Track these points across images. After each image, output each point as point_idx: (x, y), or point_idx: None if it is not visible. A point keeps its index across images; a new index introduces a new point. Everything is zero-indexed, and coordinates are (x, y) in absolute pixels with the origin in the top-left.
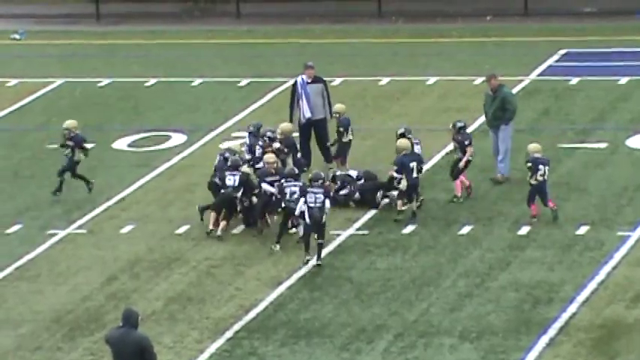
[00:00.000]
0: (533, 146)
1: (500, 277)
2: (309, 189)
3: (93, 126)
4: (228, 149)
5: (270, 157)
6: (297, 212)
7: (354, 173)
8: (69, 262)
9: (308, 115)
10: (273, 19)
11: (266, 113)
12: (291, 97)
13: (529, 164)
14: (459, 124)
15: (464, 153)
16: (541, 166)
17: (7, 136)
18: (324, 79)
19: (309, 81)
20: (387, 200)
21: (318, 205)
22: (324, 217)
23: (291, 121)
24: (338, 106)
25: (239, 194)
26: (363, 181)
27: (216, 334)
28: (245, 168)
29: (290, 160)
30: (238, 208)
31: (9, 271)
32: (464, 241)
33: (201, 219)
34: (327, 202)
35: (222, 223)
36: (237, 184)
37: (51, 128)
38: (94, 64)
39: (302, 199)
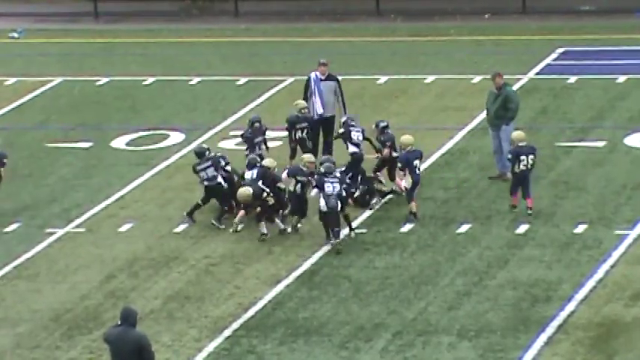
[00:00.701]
0: (517, 134)
1: (499, 275)
2: (325, 179)
3: (91, 125)
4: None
5: (309, 157)
6: (312, 193)
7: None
8: (67, 261)
9: (320, 111)
10: (271, 17)
11: (264, 112)
12: (304, 93)
13: (509, 156)
14: (382, 124)
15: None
16: (523, 157)
17: (5, 135)
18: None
19: (323, 78)
20: (375, 200)
21: (334, 193)
22: (338, 205)
23: None
24: (302, 103)
25: (260, 183)
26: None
27: (215, 333)
28: (269, 161)
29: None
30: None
31: (7, 270)
32: (462, 239)
33: (194, 220)
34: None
35: (241, 213)
36: (255, 176)
37: (49, 127)
38: (93, 63)
39: (315, 190)
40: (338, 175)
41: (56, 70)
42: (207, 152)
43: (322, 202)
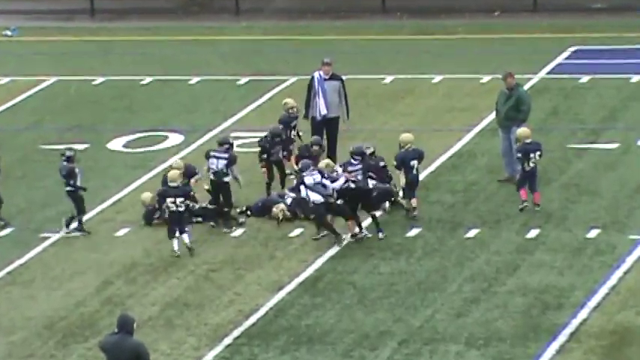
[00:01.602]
0: (522, 131)
1: (508, 281)
2: (303, 173)
3: (87, 126)
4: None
5: (325, 163)
6: (302, 194)
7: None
8: (63, 267)
9: (324, 112)
10: (273, 15)
11: (266, 113)
12: (308, 93)
13: (519, 155)
14: (369, 151)
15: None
16: (532, 154)
17: None
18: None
19: (327, 77)
20: (387, 204)
21: (359, 177)
22: (330, 191)
23: (306, 117)
24: (290, 101)
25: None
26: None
27: (215, 341)
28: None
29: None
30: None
31: (1, 276)
32: (470, 244)
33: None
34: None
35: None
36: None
37: (43, 128)
38: (89, 62)
39: (302, 186)
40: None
41: (51, 69)
42: (230, 145)
43: (314, 196)
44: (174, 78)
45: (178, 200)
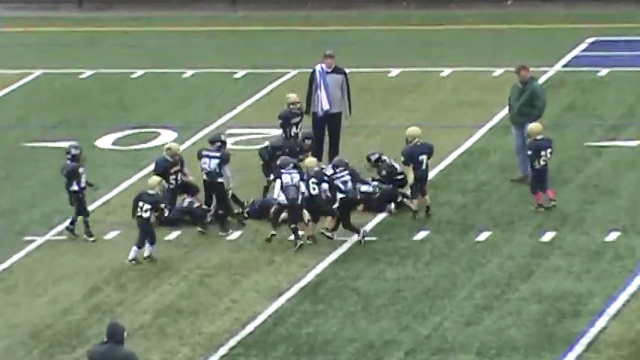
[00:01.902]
0: (535, 126)
1: (522, 287)
2: (282, 170)
3: (75, 122)
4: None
5: (311, 161)
6: (276, 189)
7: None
8: (48, 272)
9: (326, 107)
10: (271, 4)
11: (264, 108)
12: (309, 87)
13: (529, 152)
14: (374, 157)
15: None
16: (543, 151)
17: None
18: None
19: (329, 71)
20: (392, 205)
21: (349, 186)
22: (298, 197)
23: (307, 113)
24: (293, 96)
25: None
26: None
27: (210, 351)
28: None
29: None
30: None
31: None
32: (481, 248)
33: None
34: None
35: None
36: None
37: (28, 124)
38: (76, 54)
39: (277, 182)
40: (343, 169)
41: (36, 61)
42: (222, 143)
43: (281, 196)
44: (167, 71)
45: (146, 206)
